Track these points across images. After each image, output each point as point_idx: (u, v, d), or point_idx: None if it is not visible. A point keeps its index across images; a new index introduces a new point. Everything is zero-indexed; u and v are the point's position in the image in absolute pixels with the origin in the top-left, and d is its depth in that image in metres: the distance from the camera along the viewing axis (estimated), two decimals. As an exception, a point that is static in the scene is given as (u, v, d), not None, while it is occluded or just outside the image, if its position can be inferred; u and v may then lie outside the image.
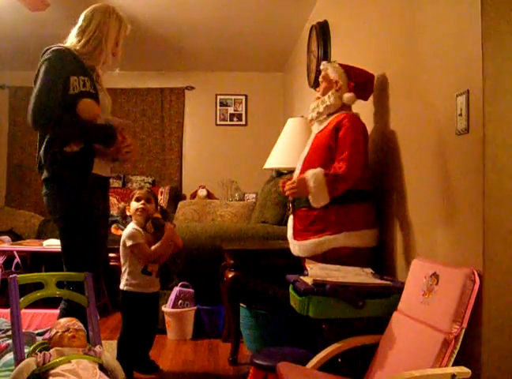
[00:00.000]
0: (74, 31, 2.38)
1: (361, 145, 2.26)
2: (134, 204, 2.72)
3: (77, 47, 2.32)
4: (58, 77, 2.21)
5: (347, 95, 2.37)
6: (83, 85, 2.25)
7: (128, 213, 2.76)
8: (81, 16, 2.39)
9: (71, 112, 2.23)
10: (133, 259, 2.65)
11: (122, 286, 2.67)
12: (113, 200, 5.07)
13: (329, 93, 2.40)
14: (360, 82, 2.38)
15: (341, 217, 2.24)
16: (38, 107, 2.16)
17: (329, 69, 2.44)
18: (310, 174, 2.22)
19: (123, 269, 2.69)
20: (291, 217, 2.44)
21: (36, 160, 2.31)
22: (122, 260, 2.71)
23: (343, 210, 2.24)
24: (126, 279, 2.65)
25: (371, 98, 2.56)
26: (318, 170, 2.23)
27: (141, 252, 2.62)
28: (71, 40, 2.36)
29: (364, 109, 2.58)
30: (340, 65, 2.44)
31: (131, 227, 2.68)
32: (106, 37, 2.35)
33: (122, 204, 2.89)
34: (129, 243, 2.62)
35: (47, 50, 2.28)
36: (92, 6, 2.41)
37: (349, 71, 2.40)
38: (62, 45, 2.31)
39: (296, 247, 2.37)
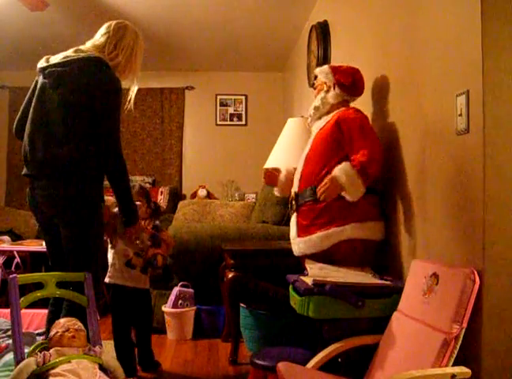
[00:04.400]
0: (104, 40, 2.35)
1: (371, 130, 2.26)
2: None
3: (113, 61, 2.33)
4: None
5: (331, 94, 2.39)
6: None
7: None
8: (111, 27, 2.37)
9: None
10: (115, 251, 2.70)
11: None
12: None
13: (318, 96, 2.43)
14: (343, 79, 2.37)
15: (347, 209, 2.19)
16: (119, 149, 2.28)
17: (318, 73, 2.47)
18: (338, 170, 2.16)
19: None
20: (294, 215, 2.39)
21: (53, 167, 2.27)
22: None
23: (349, 202, 2.18)
24: (109, 271, 2.71)
25: (370, 98, 2.56)
26: (344, 164, 2.17)
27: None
28: (100, 49, 2.34)
29: (364, 109, 2.58)
30: (330, 66, 2.46)
31: None
32: (135, 57, 2.44)
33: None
34: None
35: (98, 64, 2.26)
36: (122, 22, 2.42)
37: (334, 71, 2.41)
38: (106, 60, 2.30)
39: (301, 244, 2.29)
